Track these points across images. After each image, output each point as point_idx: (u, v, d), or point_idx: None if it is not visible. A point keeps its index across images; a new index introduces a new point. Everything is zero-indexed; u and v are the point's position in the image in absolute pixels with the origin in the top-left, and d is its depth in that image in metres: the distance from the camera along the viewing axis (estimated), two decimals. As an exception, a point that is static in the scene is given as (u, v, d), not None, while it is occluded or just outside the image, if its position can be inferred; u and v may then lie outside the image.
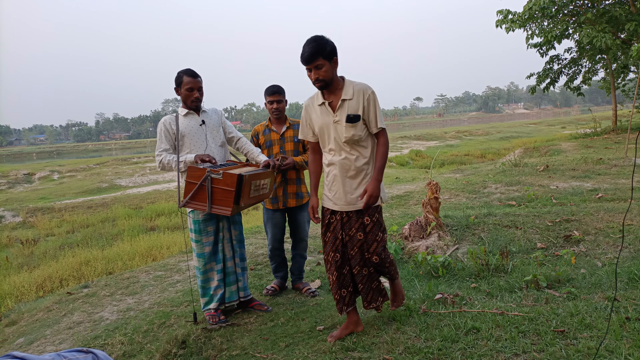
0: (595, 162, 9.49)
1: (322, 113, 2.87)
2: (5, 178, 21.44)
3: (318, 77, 2.73)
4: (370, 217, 2.89)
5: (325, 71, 2.73)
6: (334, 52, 2.77)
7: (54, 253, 8.25)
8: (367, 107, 2.81)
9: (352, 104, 2.80)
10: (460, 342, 2.80)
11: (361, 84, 2.84)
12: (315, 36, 2.74)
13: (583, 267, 4.11)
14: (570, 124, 35.16)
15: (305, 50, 2.68)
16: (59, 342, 3.29)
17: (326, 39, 2.74)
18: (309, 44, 2.69)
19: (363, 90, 2.80)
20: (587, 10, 15.34)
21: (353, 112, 2.79)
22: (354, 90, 2.81)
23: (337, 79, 2.83)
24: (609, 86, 19.44)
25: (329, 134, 2.87)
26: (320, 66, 2.72)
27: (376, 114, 2.84)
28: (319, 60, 2.69)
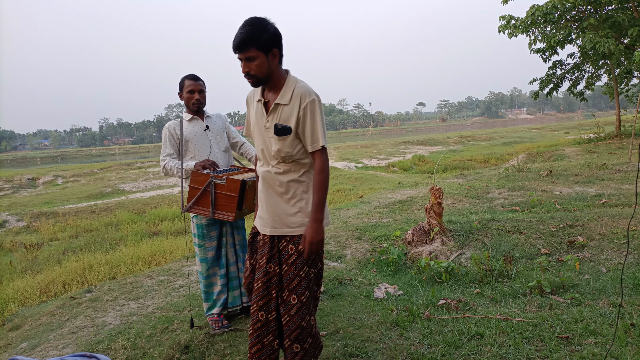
0: (599, 167, 9.46)
1: (257, 112, 2.35)
2: (10, 183, 21.53)
3: (249, 71, 2.19)
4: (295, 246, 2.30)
5: (258, 65, 2.17)
6: (274, 41, 2.18)
7: (58, 258, 8.26)
8: (303, 118, 2.22)
9: (285, 112, 2.24)
10: (464, 348, 2.79)
11: (303, 88, 2.24)
12: (252, 19, 2.17)
13: (587, 273, 4.10)
14: (573, 129, 35.09)
15: (237, 35, 2.14)
16: (62, 347, 3.29)
17: (265, 24, 2.16)
18: (242, 28, 2.14)
19: (301, 96, 2.22)
20: (589, 16, 15.35)
21: (283, 122, 2.23)
22: (293, 94, 2.24)
23: (279, 74, 2.26)
24: (612, 91, 19.40)
25: (259, 138, 2.35)
26: (252, 58, 2.16)
27: (314, 128, 2.23)
28: (251, 51, 2.14)
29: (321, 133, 2.23)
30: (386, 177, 15.92)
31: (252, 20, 2.15)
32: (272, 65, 2.21)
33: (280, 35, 2.21)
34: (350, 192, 13.08)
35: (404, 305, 3.60)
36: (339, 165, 20.54)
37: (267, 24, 2.16)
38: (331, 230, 6.12)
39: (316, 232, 2.21)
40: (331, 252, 5.32)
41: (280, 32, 2.22)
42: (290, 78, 2.28)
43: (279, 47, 2.21)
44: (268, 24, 2.16)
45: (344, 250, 5.41)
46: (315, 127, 2.23)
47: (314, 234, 2.21)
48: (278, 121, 2.24)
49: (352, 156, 24.79)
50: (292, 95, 2.23)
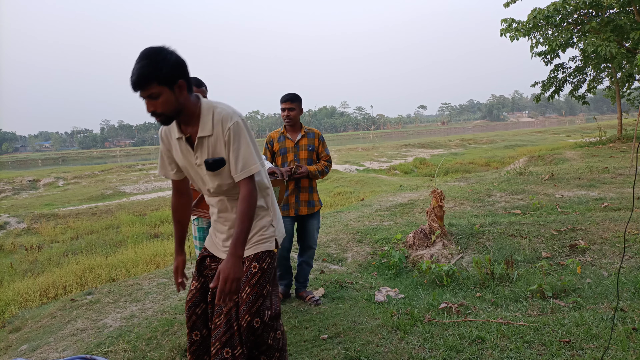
0: (601, 171, 9.45)
1: (182, 150, 2.12)
2: (11, 184, 21.56)
3: (154, 109, 1.92)
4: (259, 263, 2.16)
5: (164, 102, 1.91)
6: (178, 71, 1.92)
7: (58, 260, 8.26)
8: (228, 144, 2.02)
9: (212, 143, 2.04)
10: (465, 352, 2.78)
11: (223, 111, 2.02)
12: (147, 50, 1.88)
13: (589, 277, 4.08)
14: (575, 132, 35.06)
15: (133, 72, 1.86)
16: (63, 349, 3.28)
17: (164, 54, 1.88)
18: (138, 63, 1.85)
19: (222, 121, 2.01)
20: (591, 19, 15.36)
21: (213, 155, 2.05)
22: (213, 121, 2.02)
23: (191, 105, 2.01)
24: (614, 95, 19.40)
25: (194, 176, 2.17)
26: (155, 95, 1.89)
27: (239, 154, 2.01)
28: (152, 87, 1.87)
29: (247, 158, 2.02)
30: (387, 180, 15.92)
31: (148, 51, 1.87)
32: (181, 99, 1.96)
33: (183, 63, 1.95)
34: (351, 194, 13.08)
35: (405, 308, 3.59)
36: (340, 168, 20.54)
37: (167, 53, 1.90)
38: (332, 233, 6.12)
39: (233, 268, 1.93)
40: (332, 255, 5.32)
41: (183, 59, 1.96)
42: (204, 105, 2.05)
43: (184, 76, 1.95)
44: (167, 53, 1.90)
45: (344, 253, 5.40)
46: (242, 152, 2.01)
47: (231, 270, 1.93)
48: (208, 155, 2.05)
49: (353, 159, 24.79)
50: (213, 123, 2.02)
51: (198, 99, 2.06)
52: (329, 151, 3.99)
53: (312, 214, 3.90)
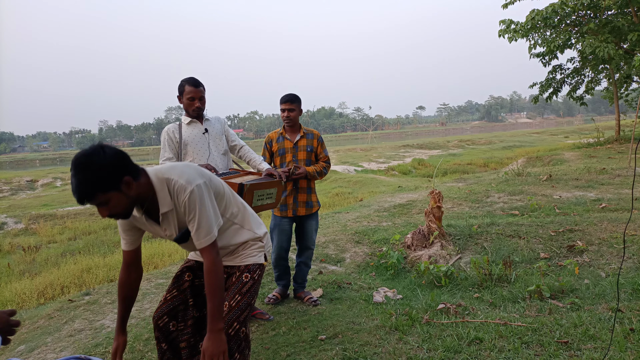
0: (599, 172, 9.47)
1: (148, 223, 2.11)
2: (8, 185, 21.51)
3: (109, 213, 1.87)
4: (250, 274, 2.23)
5: (116, 205, 1.85)
6: (119, 171, 1.82)
7: (56, 260, 8.24)
8: (185, 215, 2.01)
9: (175, 215, 2.04)
10: (463, 352, 2.79)
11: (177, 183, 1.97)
12: (79, 160, 1.75)
13: (587, 278, 4.09)
14: (573, 133, 35.13)
15: (74, 188, 1.75)
16: (60, 350, 3.28)
17: (98, 161, 1.76)
18: (76, 177, 1.74)
19: (177, 195, 1.98)
20: (589, 21, 15.39)
21: (180, 225, 2.07)
22: (171, 194, 1.99)
23: (143, 188, 1.95)
24: (611, 96, 19.44)
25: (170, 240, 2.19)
26: (105, 202, 1.82)
27: (196, 224, 1.99)
28: (99, 197, 1.79)
29: (208, 225, 2.00)
30: (386, 180, 15.92)
31: (81, 163, 1.75)
32: (132, 193, 1.89)
33: (121, 157, 1.84)
34: (349, 195, 13.08)
35: (403, 309, 3.59)
36: (339, 169, 20.54)
37: (100, 158, 1.77)
38: (330, 234, 6.12)
39: (217, 343, 1.93)
40: (330, 255, 5.32)
41: (119, 153, 1.84)
42: (156, 182, 1.98)
43: (126, 171, 1.85)
44: (101, 158, 1.76)
45: (343, 253, 5.40)
46: (197, 223, 1.98)
47: (214, 347, 1.92)
48: (174, 228, 2.07)
49: (352, 159, 24.80)
50: (170, 197, 1.99)
51: (147, 176, 1.97)
52: (327, 152, 3.99)
53: (310, 214, 3.90)
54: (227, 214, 2.21)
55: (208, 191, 2.04)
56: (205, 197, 2.01)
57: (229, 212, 2.22)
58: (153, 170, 2.02)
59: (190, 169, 2.05)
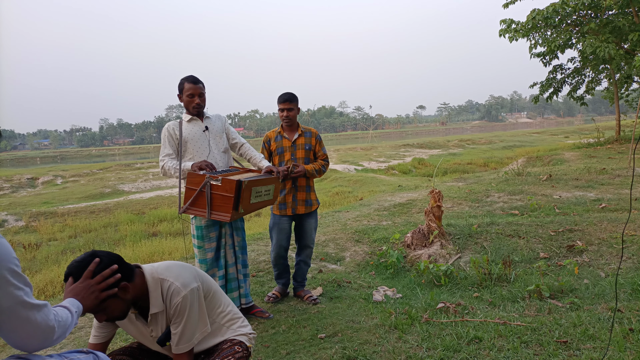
0: (599, 172, 9.47)
1: (135, 322, 2.10)
2: (9, 182, 21.52)
3: (107, 318, 1.90)
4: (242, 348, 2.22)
5: (115, 309, 1.89)
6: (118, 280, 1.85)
7: (56, 258, 8.25)
8: (172, 317, 2.01)
9: (164, 317, 2.03)
10: (462, 351, 2.79)
11: (172, 285, 1.99)
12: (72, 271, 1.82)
13: (586, 278, 4.10)
14: (573, 133, 35.12)
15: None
16: (60, 347, 3.28)
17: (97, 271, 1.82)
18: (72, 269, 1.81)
19: (171, 297, 1.99)
20: (590, 21, 15.37)
21: (166, 331, 2.05)
22: (163, 296, 2.00)
23: (138, 289, 1.97)
24: (612, 96, 19.42)
25: (151, 344, 2.16)
26: (101, 309, 1.85)
27: (182, 329, 2.01)
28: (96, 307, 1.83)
29: (190, 333, 2.03)
30: (386, 179, 15.92)
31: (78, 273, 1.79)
32: (129, 297, 1.92)
33: (116, 260, 1.89)
34: (349, 194, 13.08)
35: (402, 308, 3.60)
36: (339, 168, 20.55)
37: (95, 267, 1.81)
38: (330, 233, 6.12)
39: None
40: (330, 254, 5.32)
41: (115, 256, 1.90)
42: (150, 281, 1.99)
43: (123, 277, 1.88)
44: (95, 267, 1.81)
45: (343, 252, 5.41)
46: (182, 328, 2.01)
47: None
48: (162, 330, 2.05)
49: (352, 159, 24.80)
50: (163, 298, 2.00)
51: (142, 276, 1.99)
52: (326, 150, 4.00)
53: (309, 213, 3.90)
54: (215, 315, 2.22)
55: (199, 296, 2.07)
56: (195, 304, 2.04)
57: (218, 310, 2.24)
58: (149, 269, 2.04)
59: (187, 271, 2.08)
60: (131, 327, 2.12)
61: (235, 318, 2.32)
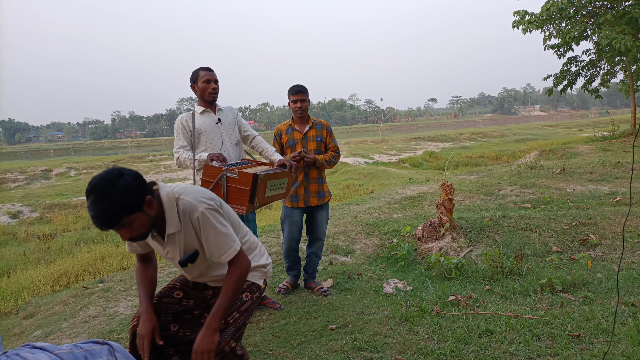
0: (613, 165, 9.34)
1: (152, 240, 2.08)
2: (24, 174, 21.83)
3: (131, 236, 1.85)
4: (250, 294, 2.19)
5: (140, 225, 1.84)
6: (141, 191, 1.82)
7: (70, 248, 8.37)
8: (199, 234, 1.99)
9: (182, 237, 2.00)
10: (473, 344, 2.79)
11: (187, 203, 1.94)
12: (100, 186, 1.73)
13: (599, 272, 4.06)
14: (587, 126, 34.67)
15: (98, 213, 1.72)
16: (75, 335, 3.34)
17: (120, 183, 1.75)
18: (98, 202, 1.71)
19: (189, 215, 1.95)
20: (606, 12, 15.10)
21: (185, 247, 2.02)
22: (179, 215, 1.96)
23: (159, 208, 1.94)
24: (627, 89, 19.09)
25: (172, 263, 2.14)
26: (129, 224, 1.80)
27: (216, 241, 1.97)
28: (124, 220, 1.77)
29: (227, 240, 1.99)
30: (396, 173, 15.87)
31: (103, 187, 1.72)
32: (152, 212, 1.88)
33: (140, 176, 1.85)
34: (360, 187, 13.06)
35: (413, 300, 3.60)
36: (349, 161, 20.52)
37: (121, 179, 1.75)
38: (341, 225, 6.13)
39: (207, 340, 1.90)
40: (341, 246, 5.33)
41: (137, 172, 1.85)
42: (165, 201, 1.94)
43: (147, 190, 1.85)
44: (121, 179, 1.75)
45: (353, 245, 5.41)
46: (217, 240, 1.97)
47: (203, 341, 1.90)
48: (179, 251, 2.02)
49: (363, 151, 24.75)
50: (179, 217, 1.96)
51: (158, 194, 1.95)
52: (336, 142, 3.99)
53: (321, 205, 3.91)
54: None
55: (219, 212, 2.02)
56: (217, 216, 2.00)
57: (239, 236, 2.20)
58: (165, 188, 1.98)
59: (203, 191, 2.04)
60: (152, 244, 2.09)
61: (253, 247, 2.30)
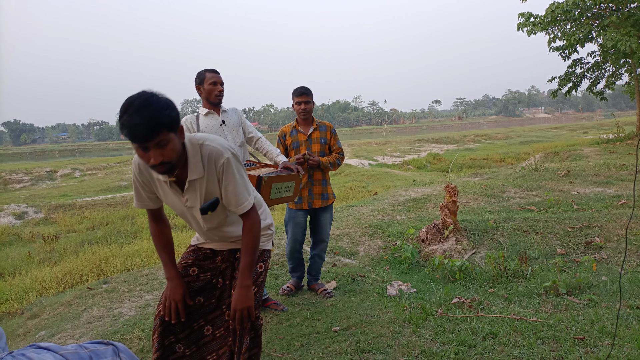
0: (618, 167, 9.30)
1: (169, 189, 2.00)
2: (29, 175, 21.93)
3: (163, 160, 1.77)
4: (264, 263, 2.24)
5: (172, 149, 1.79)
6: (177, 113, 1.81)
7: (75, 249, 8.40)
8: (221, 181, 1.97)
9: (203, 184, 1.96)
10: (477, 346, 2.78)
11: (213, 149, 1.93)
12: (142, 98, 1.70)
13: (604, 275, 4.04)
14: (592, 129, 34.53)
15: (136, 123, 1.67)
16: (79, 336, 3.35)
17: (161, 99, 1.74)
18: (139, 112, 1.67)
19: (215, 160, 1.93)
20: (611, 14, 15.05)
21: (205, 196, 1.99)
22: (203, 161, 1.93)
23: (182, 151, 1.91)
24: (633, 91, 18.99)
25: (183, 214, 2.10)
26: (164, 143, 1.75)
27: (235, 191, 1.98)
28: (162, 135, 1.73)
29: (244, 192, 2.01)
30: (400, 174, 15.85)
31: (145, 99, 1.70)
32: (181, 143, 1.87)
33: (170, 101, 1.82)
34: (363, 189, 13.05)
35: (417, 302, 3.59)
36: (353, 163, 20.51)
37: (161, 97, 1.76)
38: (344, 227, 6.12)
39: (244, 298, 1.99)
40: (344, 248, 5.33)
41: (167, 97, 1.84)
42: (189, 146, 1.92)
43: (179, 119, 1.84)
44: (162, 97, 1.76)
45: (357, 247, 5.41)
46: (236, 189, 1.98)
47: (242, 300, 1.99)
48: (199, 198, 1.98)
49: (366, 153, 24.73)
50: (203, 164, 1.93)
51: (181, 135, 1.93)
52: (341, 144, 4.00)
53: (325, 207, 3.91)
54: None
55: (240, 162, 2.04)
56: (239, 166, 2.02)
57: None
58: (187, 134, 1.96)
59: (224, 140, 2.04)
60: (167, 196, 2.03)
61: (259, 204, 2.30)
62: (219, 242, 2.23)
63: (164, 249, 2.14)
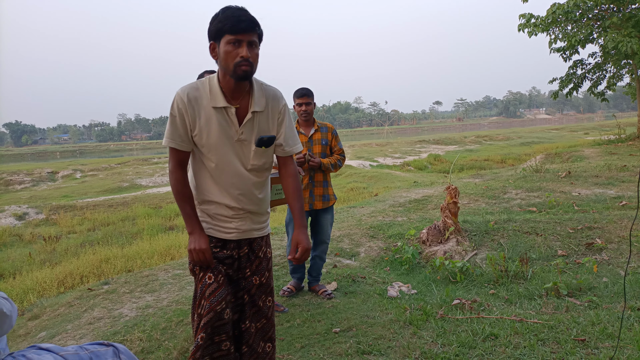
0: (620, 169, 9.29)
1: (220, 121, 1.94)
2: (30, 176, 21.95)
3: (249, 58, 1.84)
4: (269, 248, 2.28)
5: (257, 55, 1.91)
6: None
7: (75, 250, 8.40)
8: (281, 122, 2.05)
9: (262, 119, 2.00)
10: (477, 348, 2.78)
11: (275, 90, 2.06)
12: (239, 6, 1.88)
13: (605, 276, 4.03)
14: (593, 130, 34.50)
15: (241, 17, 1.82)
16: (80, 337, 3.35)
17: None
18: (242, 10, 1.85)
19: (278, 100, 2.04)
20: (612, 15, 15.04)
21: (267, 133, 2.02)
22: (266, 97, 2.00)
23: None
24: (634, 92, 18.98)
25: (229, 156, 1.98)
26: (255, 44, 1.88)
27: (293, 131, 2.11)
28: (254, 35, 1.87)
29: (297, 135, 2.14)
30: (401, 176, 15.85)
31: (242, 7, 1.88)
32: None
33: None
34: (364, 190, 13.05)
35: (417, 304, 3.59)
36: (354, 164, 20.51)
37: None
38: (345, 228, 6.12)
39: (306, 239, 2.10)
40: (345, 249, 5.32)
41: None
42: (253, 80, 1.98)
43: None
44: None
45: (357, 248, 5.41)
46: (293, 131, 2.11)
47: (306, 241, 2.09)
48: (255, 133, 1.98)
49: (367, 154, 24.72)
50: (266, 99, 2.00)
51: None
52: (342, 145, 4.00)
53: (326, 208, 3.91)
54: None
55: None
56: None
57: None
58: None
59: None
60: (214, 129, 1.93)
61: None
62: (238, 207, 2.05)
63: (187, 200, 2.02)
